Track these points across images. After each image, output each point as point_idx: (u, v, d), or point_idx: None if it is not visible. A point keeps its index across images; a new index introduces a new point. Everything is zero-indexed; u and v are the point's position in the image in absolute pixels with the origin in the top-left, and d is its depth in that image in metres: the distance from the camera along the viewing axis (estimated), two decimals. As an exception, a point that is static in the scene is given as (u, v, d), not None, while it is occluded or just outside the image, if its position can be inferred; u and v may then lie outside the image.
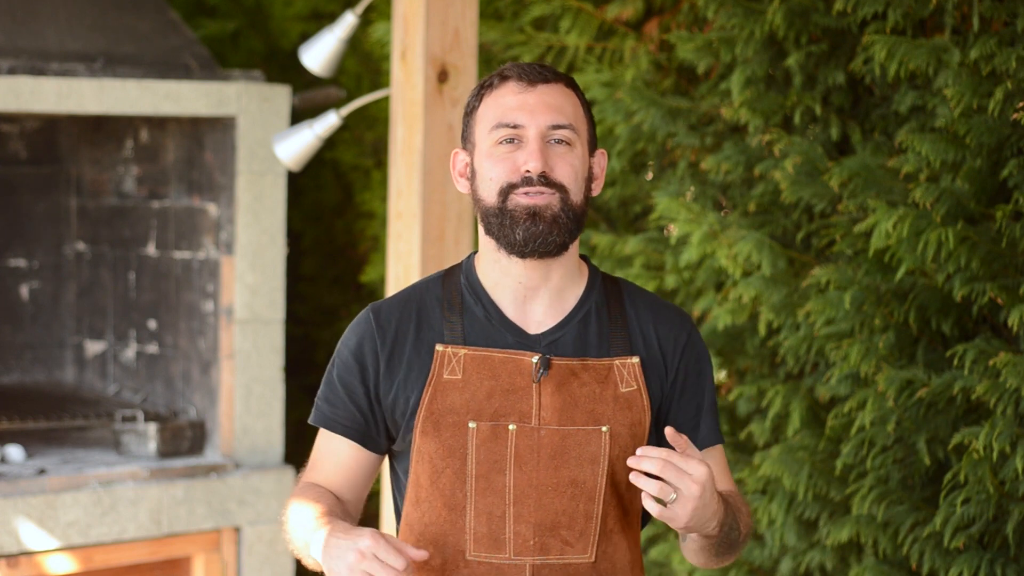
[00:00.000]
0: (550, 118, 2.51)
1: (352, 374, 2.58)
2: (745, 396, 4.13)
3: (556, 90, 2.54)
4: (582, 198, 2.53)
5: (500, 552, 2.52)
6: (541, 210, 2.49)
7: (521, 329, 2.56)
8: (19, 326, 5.52)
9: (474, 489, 2.52)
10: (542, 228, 2.49)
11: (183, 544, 4.88)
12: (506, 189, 2.50)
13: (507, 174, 2.51)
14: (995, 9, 3.52)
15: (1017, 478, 3.41)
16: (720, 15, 3.97)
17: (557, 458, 2.51)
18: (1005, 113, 3.44)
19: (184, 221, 5.13)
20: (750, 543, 4.14)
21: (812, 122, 4.00)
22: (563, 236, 2.51)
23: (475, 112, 2.57)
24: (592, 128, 2.59)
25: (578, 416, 2.52)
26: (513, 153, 2.51)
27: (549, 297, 2.57)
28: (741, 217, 4.06)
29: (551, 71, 2.56)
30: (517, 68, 2.56)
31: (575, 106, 2.55)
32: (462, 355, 2.54)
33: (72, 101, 4.70)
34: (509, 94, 2.53)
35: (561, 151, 2.51)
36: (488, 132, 2.53)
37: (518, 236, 2.50)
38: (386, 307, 2.61)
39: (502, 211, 2.51)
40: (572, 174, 2.51)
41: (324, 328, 6.00)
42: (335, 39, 4.51)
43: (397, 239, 4.16)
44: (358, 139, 5.73)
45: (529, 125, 2.51)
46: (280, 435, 5.11)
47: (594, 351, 2.56)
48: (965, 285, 3.50)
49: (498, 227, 2.52)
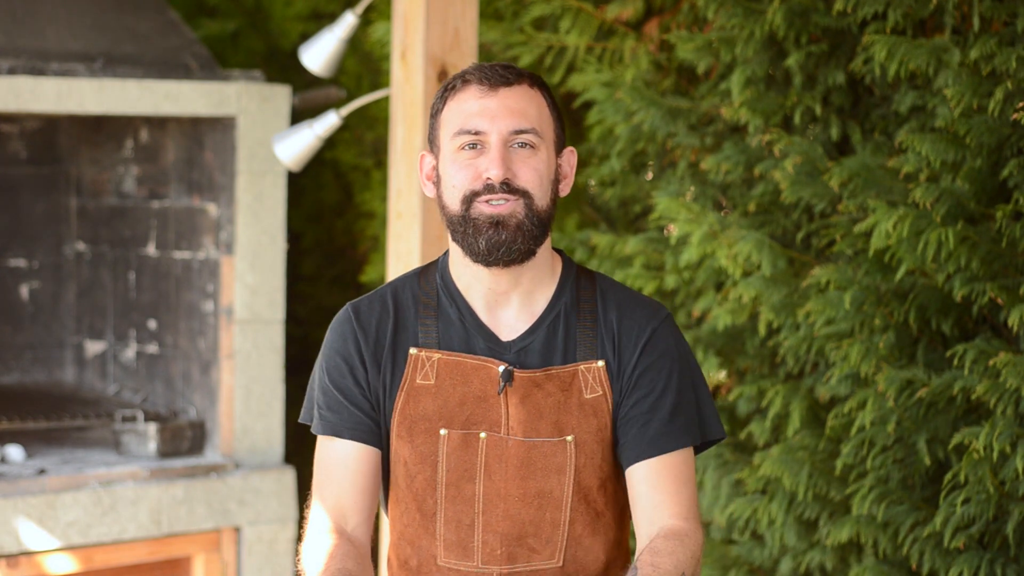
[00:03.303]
0: (512, 123, 2.47)
1: (344, 375, 2.56)
2: (745, 396, 4.13)
3: (519, 93, 2.49)
4: (548, 201, 2.50)
5: (468, 560, 2.52)
6: (505, 219, 2.46)
7: (493, 334, 2.54)
8: (19, 326, 5.52)
9: (444, 496, 2.52)
10: (505, 237, 2.46)
11: (183, 544, 4.88)
12: (469, 197, 2.47)
13: (470, 181, 2.47)
14: (995, 9, 3.52)
15: (1017, 478, 3.41)
16: (720, 15, 3.97)
17: (523, 469, 2.50)
18: (1005, 113, 3.44)
19: (184, 221, 5.13)
20: (750, 543, 4.14)
21: (812, 122, 4.00)
22: (528, 243, 2.48)
23: (439, 115, 2.53)
24: (560, 127, 2.55)
25: (543, 427, 2.51)
26: (475, 159, 2.48)
27: (519, 301, 2.55)
28: (741, 217, 4.06)
29: (514, 72, 2.50)
30: (478, 71, 2.51)
31: (539, 107, 2.51)
32: (436, 360, 2.53)
33: (72, 101, 4.70)
34: (471, 98, 2.49)
35: (524, 155, 2.47)
36: (451, 138, 2.50)
37: (481, 245, 2.47)
38: (365, 306, 2.59)
39: (465, 219, 2.48)
40: (536, 179, 2.48)
41: (324, 328, 5.98)
42: (335, 39, 4.51)
43: (397, 239, 4.16)
44: (358, 139, 5.73)
45: (490, 131, 2.47)
46: (280, 435, 5.11)
47: (560, 357, 2.53)
48: (965, 285, 3.50)
49: (462, 235, 2.49)
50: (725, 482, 4.17)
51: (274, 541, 5.00)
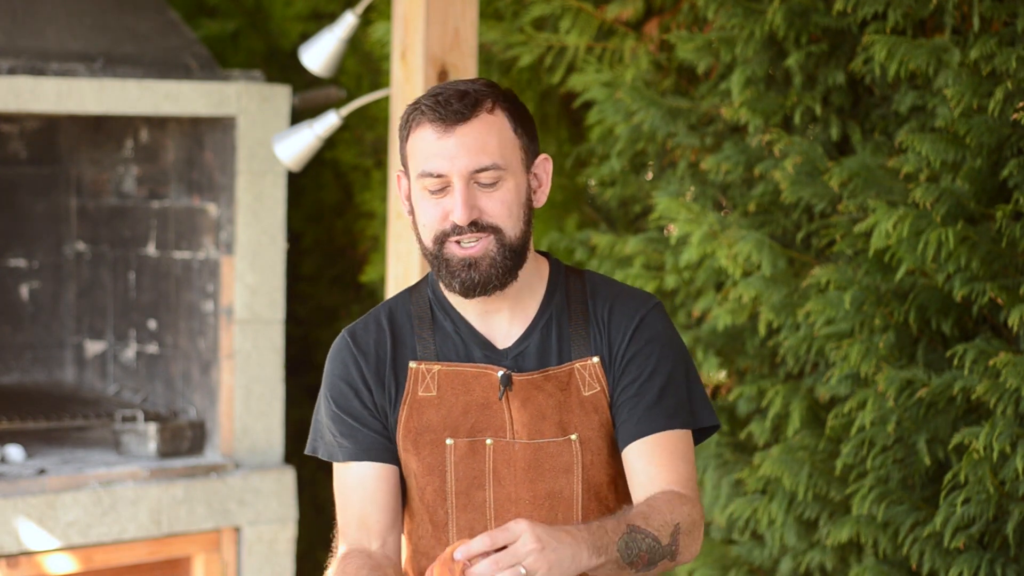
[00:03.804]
0: (472, 162, 2.43)
1: (350, 399, 2.56)
2: (745, 396, 4.13)
3: (477, 126, 2.44)
4: (521, 226, 2.48)
5: None
6: (477, 260, 2.45)
7: (489, 343, 2.55)
8: (19, 326, 5.52)
9: (455, 505, 2.52)
10: (479, 278, 2.46)
11: (183, 544, 4.88)
12: (440, 237, 2.47)
13: (438, 222, 2.46)
14: (995, 9, 3.52)
15: (1017, 478, 3.41)
16: (720, 15, 3.97)
17: (531, 471, 2.50)
18: (1005, 113, 3.44)
19: (184, 221, 5.13)
20: (750, 543, 4.14)
21: (812, 122, 4.00)
22: (503, 277, 2.47)
23: (405, 143, 2.50)
24: (529, 140, 2.50)
25: (546, 428, 2.51)
26: (442, 200, 2.46)
27: (510, 310, 2.55)
28: (741, 217, 4.06)
29: (470, 102, 2.44)
30: (433, 108, 2.44)
31: (500, 133, 2.45)
32: (436, 371, 2.54)
33: (72, 101, 4.70)
34: (429, 138, 2.45)
35: (489, 190, 2.45)
36: (416, 177, 2.48)
37: (456, 287, 2.47)
38: (360, 329, 2.59)
39: (438, 258, 2.48)
40: (505, 211, 2.45)
41: (324, 328, 6.00)
42: (335, 39, 4.51)
43: (397, 239, 4.16)
44: (358, 139, 5.73)
45: (450, 172, 2.44)
46: (280, 435, 5.11)
47: (555, 358, 2.54)
48: (965, 285, 3.50)
49: (438, 272, 2.49)
50: (725, 482, 4.17)
51: (274, 541, 5.00)
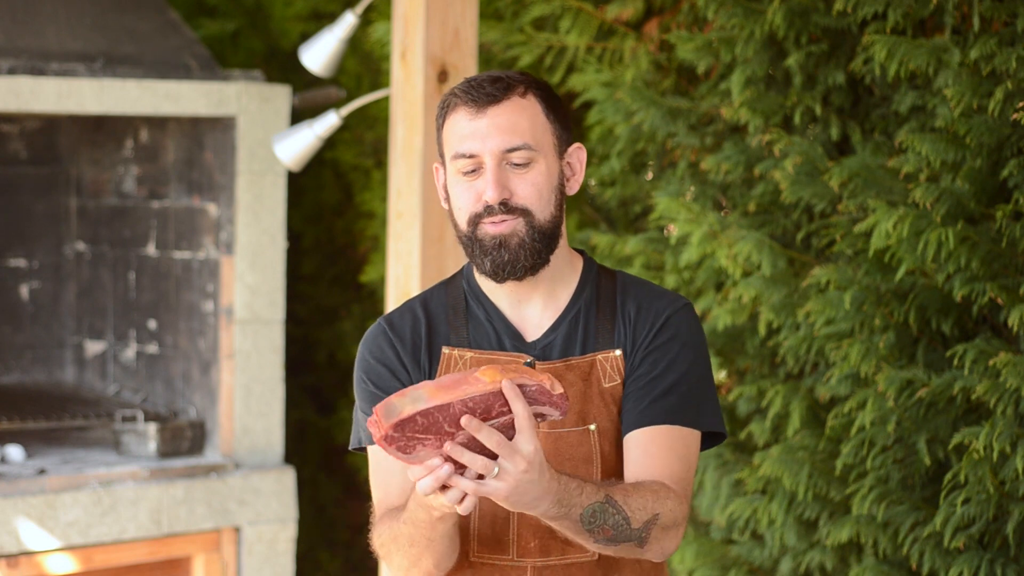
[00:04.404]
0: (503, 142, 2.47)
1: (388, 380, 2.57)
2: (745, 396, 4.13)
3: (509, 108, 2.49)
4: (552, 210, 2.51)
5: (503, 554, 2.53)
6: (507, 238, 2.48)
7: (519, 334, 2.57)
8: (19, 326, 5.52)
9: None
10: (508, 257, 2.48)
11: (183, 544, 4.88)
12: (474, 219, 2.50)
13: (472, 203, 2.50)
14: (995, 9, 3.52)
15: (1017, 478, 3.41)
16: (720, 15, 3.97)
17: (552, 460, 2.50)
18: (1005, 113, 3.44)
19: (184, 221, 5.13)
20: (750, 543, 4.14)
21: (812, 122, 4.00)
22: (532, 259, 2.49)
23: (441, 131, 2.55)
24: (562, 127, 2.54)
25: (567, 417, 2.52)
26: (475, 181, 2.49)
27: (542, 300, 2.57)
28: (741, 217, 4.06)
29: (503, 85, 2.49)
30: (466, 91, 2.50)
31: (533, 117, 2.50)
32: (468, 358, 2.56)
33: (72, 101, 4.70)
34: (462, 120, 2.50)
35: (521, 172, 2.48)
36: (451, 160, 2.52)
37: (487, 266, 2.50)
38: (396, 317, 2.62)
39: (472, 239, 2.51)
40: (535, 193, 2.49)
41: (324, 328, 6.00)
42: (335, 39, 4.51)
43: (397, 239, 4.16)
44: (358, 139, 5.73)
45: (483, 152, 2.47)
46: (280, 435, 5.11)
47: (578, 348, 2.55)
48: (965, 285, 3.50)
49: (471, 254, 2.53)
50: (725, 482, 4.17)
51: (274, 541, 5.00)
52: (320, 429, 6.00)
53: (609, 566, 2.55)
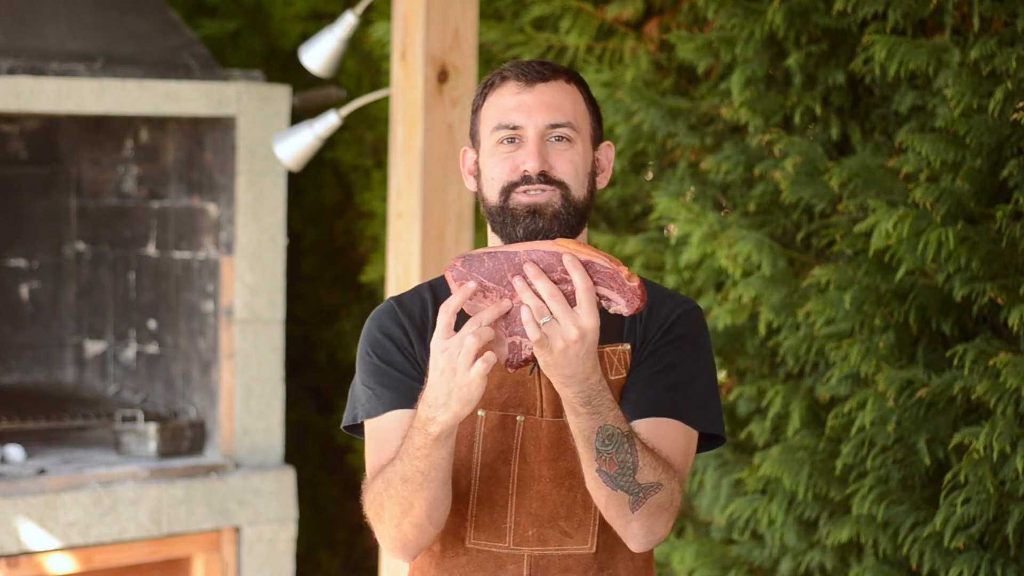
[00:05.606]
0: (548, 117, 2.53)
1: (393, 352, 2.58)
2: (745, 396, 4.13)
3: (555, 88, 2.56)
4: (585, 193, 2.55)
5: (500, 541, 2.54)
6: (541, 208, 2.52)
7: None
8: (19, 326, 5.52)
9: (479, 477, 2.54)
10: (542, 225, 2.52)
11: (183, 544, 4.88)
12: (507, 188, 2.54)
13: (508, 174, 2.54)
14: (995, 9, 3.52)
15: (1017, 478, 3.41)
16: (720, 15, 3.97)
17: (554, 450, 2.53)
18: (1005, 113, 3.44)
19: (184, 221, 5.13)
20: (750, 543, 4.14)
21: (812, 122, 4.00)
22: (564, 231, 2.53)
23: (479, 111, 2.61)
24: (597, 122, 2.61)
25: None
26: (513, 153, 2.54)
27: None
28: (741, 217, 4.06)
29: (551, 68, 2.57)
30: (516, 67, 2.58)
31: (575, 102, 2.57)
32: None
33: (72, 101, 4.70)
34: (508, 94, 2.56)
35: (561, 148, 2.54)
36: (490, 132, 2.57)
37: (519, 234, 2.52)
38: (407, 297, 2.64)
39: (503, 209, 2.54)
40: (572, 170, 2.54)
41: (324, 328, 6.00)
42: (335, 39, 4.51)
43: (397, 239, 4.16)
44: (358, 139, 5.73)
45: (527, 125, 2.53)
46: (280, 435, 5.11)
47: None
48: (965, 285, 3.50)
49: (501, 225, 2.55)
50: (725, 482, 4.17)
51: (274, 541, 5.00)
52: (320, 429, 6.00)
53: (605, 560, 2.55)
